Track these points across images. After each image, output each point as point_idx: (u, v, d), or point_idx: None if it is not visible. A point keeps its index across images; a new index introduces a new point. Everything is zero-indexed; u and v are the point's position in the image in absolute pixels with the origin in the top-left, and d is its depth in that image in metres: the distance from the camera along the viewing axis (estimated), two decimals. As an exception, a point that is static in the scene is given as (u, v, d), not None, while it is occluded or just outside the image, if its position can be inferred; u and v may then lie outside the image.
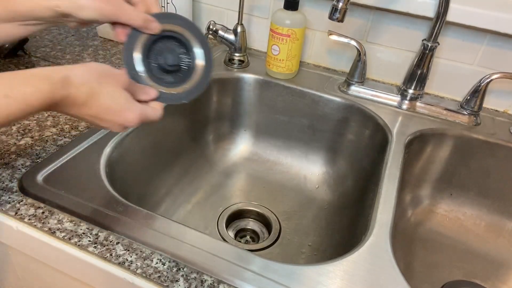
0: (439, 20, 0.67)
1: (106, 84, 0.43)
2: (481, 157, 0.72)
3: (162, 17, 0.47)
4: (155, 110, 0.46)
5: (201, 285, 0.41)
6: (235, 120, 0.86)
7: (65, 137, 0.58)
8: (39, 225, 0.46)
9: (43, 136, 0.58)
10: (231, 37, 0.80)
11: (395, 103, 0.76)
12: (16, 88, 0.37)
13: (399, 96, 0.76)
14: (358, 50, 0.74)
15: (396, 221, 0.53)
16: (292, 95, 0.79)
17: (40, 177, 0.51)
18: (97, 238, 0.45)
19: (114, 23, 0.47)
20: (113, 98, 0.43)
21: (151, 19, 0.46)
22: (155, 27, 0.46)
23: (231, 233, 0.72)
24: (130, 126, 0.44)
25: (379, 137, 0.71)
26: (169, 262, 0.43)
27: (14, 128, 0.58)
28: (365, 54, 0.75)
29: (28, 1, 0.46)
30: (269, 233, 0.72)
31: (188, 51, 0.47)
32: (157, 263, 0.43)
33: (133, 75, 0.45)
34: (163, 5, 0.78)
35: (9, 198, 0.48)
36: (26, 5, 0.46)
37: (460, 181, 0.75)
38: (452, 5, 0.67)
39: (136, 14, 0.45)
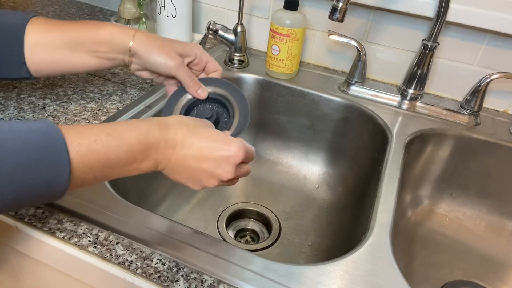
0: (439, 20, 0.67)
1: (200, 124, 0.45)
2: (481, 157, 0.72)
3: (211, 81, 0.53)
4: (250, 146, 0.46)
5: (201, 285, 0.41)
6: (235, 120, 0.86)
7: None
8: (39, 225, 0.46)
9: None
10: (231, 37, 0.80)
11: (395, 103, 0.76)
12: (117, 127, 0.39)
13: (399, 96, 0.76)
14: (358, 50, 0.74)
15: (396, 221, 0.53)
16: (292, 95, 0.79)
17: (40, 177, 0.50)
18: (97, 238, 0.45)
19: (168, 77, 0.55)
20: (212, 133, 0.44)
21: (202, 87, 0.52)
22: (203, 95, 0.52)
23: (231, 233, 0.72)
24: (236, 158, 0.42)
25: (379, 137, 0.71)
26: (169, 262, 0.43)
27: (14, 128, 0.58)
28: (365, 54, 0.75)
29: (109, 33, 0.52)
30: (269, 233, 0.72)
31: (229, 116, 0.52)
32: (157, 263, 0.43)
33: None
34: (163, 5, 0.78)
35: (9, 198, 0.48)
36: (107, 38, 0.52)
37: (460, 181, 0.75)
38: (452, 5, 0.67)
39: (191, 78, 0.52)
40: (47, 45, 0.52)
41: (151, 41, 0.53)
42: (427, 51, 0.70)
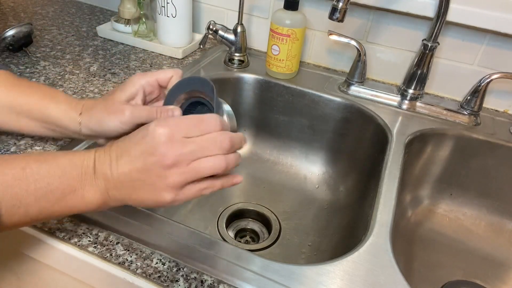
0: (439, 20, 0.67)
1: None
2: (481, 157, 0.72)
3: (176, 89, 0.45)
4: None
5: (201, 285, 0.41)
6: (235, 120, 0.86)
7: (65, 137, 0.58)
8: (39, 225, 0.46)
9: (43, 136, 0.58)
10: (231, 37, 0.80)
11: (395, 103, 0.76)
12: (52, 154, 0.38)
13: (399, 96, 0.76)
14: (358, 50, 0.74)
15: (396, 221, 0.53)
16: (292, 95, 0.79)
17: (40, 177, 0.50)
18: (97, 238, 0.45)
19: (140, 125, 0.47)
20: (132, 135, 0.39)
21: (171, 108, 0.44)
22: (176, 114, 0.44)
23: (231, 233, 0.72)
24: (160, 137, 0.36)
25: (379, 137, 0.71)
26: (169, 262, 0.43)
27: (14, 128, 0.58)
28: (365, 54, 0.75)
29: (56, 114, 0.48)
30: (269, 233, 0.72)
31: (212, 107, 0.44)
32: (157, 263, 0.43)
33: None
34: (163, 5, 0.78)
35: (9, 198, 0.48)
36: (54, 118, 0.48)
37: (460, 181, 0.75)
38: (452, 5, 0.67)
39: (152, 112, 0.44)
40: None
41: (95, 111, 0.46)
42: (427, 51, 0.70)
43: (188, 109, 0.45)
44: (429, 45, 0.70)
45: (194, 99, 0.45)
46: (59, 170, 0.36)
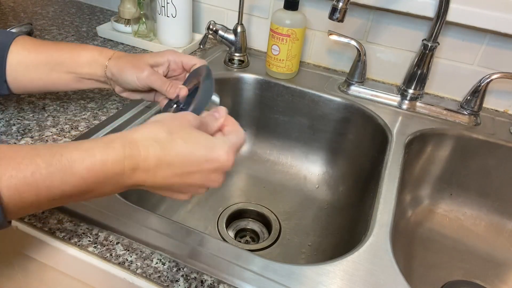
0: (439, 20, 0.67)
1: (176, 129, 0.36)
2: (481, 157, 0.72)
3: (193, 75, 0.52)
4: (238, 132, 0.40)
5: (201, 285, 0.41)
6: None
7: (65, 137, 0.58)
8: (39, 225, 0.46)
9: (43, 136, 0.58)
10: (231, 37, 0.80)
11: (395, 103, 0.76)
12: (66, 155, 0.33)
13: (399, 96, 0.76)
14: (358, 50, 0.74)
15: (396, 221, 0.53)
16: (292, 95, 0.79)
17: (40, 177, 0.50)
18: (97, 238, 0.45)
19: (152, 91, 0.55)
20: (192, 141, 0.36)
21: (180, 87, 0.51)
22: (182, 94, 0.50)
23: (231, 233, 0.72)
24: (226, 167, 0.36)
25: (379, 137, 0.71)
26: (169, 262, 0.43)
27: (14, 128, 0.58)
28: (365, 54, 0.75)
29: (90, 56, 0.54)
30: (269, 233, 0.72)
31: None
32: (157, 263, 0.43)
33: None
34: (163, 5, 0.78)
35: (9, 198, 0.48)
36: (88, 60, 0.53)
37: (460, 181, 0.75)
38: (452, 5, 0.67)
39: (165, 83, 0.52)
40: (28, 65, 0.53)
41: (122, 60, 0.53)
42: (427, 51, 0.70)
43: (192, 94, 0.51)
44: (429, 45, 0.70)
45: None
46: (75, 179, 0.33)
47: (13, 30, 0.74)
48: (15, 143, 0.55)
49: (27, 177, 0.31)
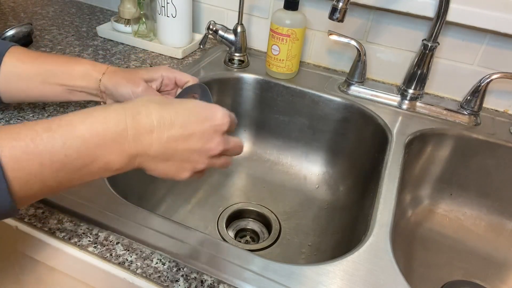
0: (439, 20, 0.67)
1: (169, 100, 0.39)
2: (481, 157, 0.72)
3: (185, 91, 0.53)
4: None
5: (201, 285, 0.41)
6: (235, 120, 0.86)
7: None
8: (39, 225, 0.46)
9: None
10: (231, 37, 0.80)
11: (395, 103, 0.76)
12: (65, 119, 0.33)
13: (399, 96, 0.76)
14: (358, 50, 0.74)
15: (396, 221, 0.53)
16: (292, 95, 0.79)
17: (40, 177, 0.50)
18: (97, 238, 0.45)
19: None
20: (188, 103, 0.38)
21: None
22: None
23: (231, 233, 0.72)
24: (224, 126, 0.38)
25: (379, 137, 0.71)
26: (169, 262, 0.43)
27: (14, 128, 0.58)
28: (365, 54, 0.75)
29: (84, 69, 0.54)
30: (269, 233, 0.72)
31: None
32: (157, 263, 0.43)
33: None
34: (163, 5, 0.78)
35: (9, 198, 0.48)
36: (81, 73, 0.54)
37: (460, 181, 0.75)
38: (452, 5, 0.67)
39: None
40: (21, 75, 0.53)
41: (117, 75, 0.54)
42: (427, 51, 0.70)
43: None
44: (429, 45, 0.70)
45: None
46: (78, 141, 0.32)
47: (13, 30, 0.74)
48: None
49: (28, 144, 0.30)
